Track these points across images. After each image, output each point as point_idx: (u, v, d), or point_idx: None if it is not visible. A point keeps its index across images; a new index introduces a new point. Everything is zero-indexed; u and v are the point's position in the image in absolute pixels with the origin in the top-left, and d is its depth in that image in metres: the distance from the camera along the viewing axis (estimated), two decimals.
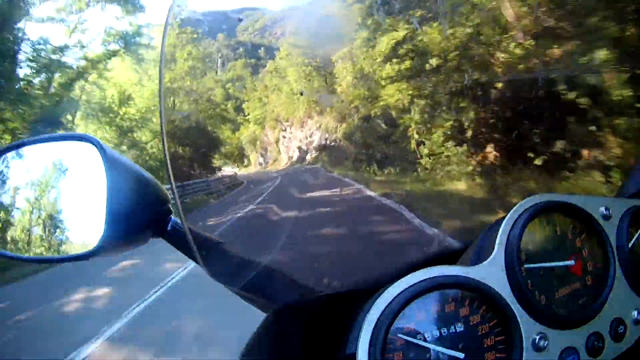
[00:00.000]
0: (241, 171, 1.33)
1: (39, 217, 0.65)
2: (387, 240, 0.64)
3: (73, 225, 0.63)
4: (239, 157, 1.34)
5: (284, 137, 1.31)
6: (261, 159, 1.35)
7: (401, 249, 0.62)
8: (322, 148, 1.06)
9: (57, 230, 0.65)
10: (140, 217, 0.55)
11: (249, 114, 1.23)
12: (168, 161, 0.50)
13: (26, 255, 0.68)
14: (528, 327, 0.42)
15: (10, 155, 0.63)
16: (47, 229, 0.65)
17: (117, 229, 0.52)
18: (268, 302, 0.53)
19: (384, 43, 0.80)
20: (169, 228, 0.58)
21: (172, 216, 0.58)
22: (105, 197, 0.52)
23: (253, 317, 0.50)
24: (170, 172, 0.49)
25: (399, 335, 0.39)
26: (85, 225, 0.61)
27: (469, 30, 0.78)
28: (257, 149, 1.33)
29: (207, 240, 0.57)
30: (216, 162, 1.38)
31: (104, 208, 0.52)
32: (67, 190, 0.64)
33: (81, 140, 0.59)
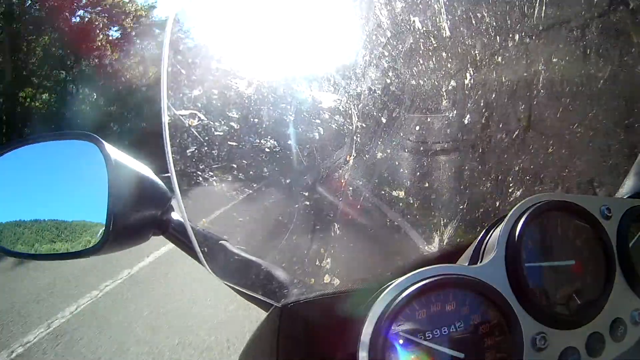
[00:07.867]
0: None
1: (40, 214, 0.65)
2: (387, 239, 0.64)
3: (74, 223, 0.63)
4: None
5: None
6: None
7: (402, 249, 0.62)
8: None
9: (58, 227, 0.65)
10: (141, 214, 0.55)
11: None
12: (170, 158, 0.49)
13: (27, 252, 0.68)
14: (528, 327, 0.42)
15: (11, 154, 0.63)
16: (48, 227, 0.65)
17: (119, 227, 0.52)
18: (269, 301, 0.53)
19: None
20: (170, 226, 0.58)
21: (174, 214, 0.58)
22: (107, 195, 0.52)
23: (255, 316, 0.51)
24: (172, 169, 0.49)
25: (399, 334, 0.39)
26: (86, 223, 0.61)
27: None
28: None
29: (208, 238, 0.57)
30: None
31: (106, 206, 0.52)
32: (69, 188, 0.64)
33: (83, 139, 0.59)
